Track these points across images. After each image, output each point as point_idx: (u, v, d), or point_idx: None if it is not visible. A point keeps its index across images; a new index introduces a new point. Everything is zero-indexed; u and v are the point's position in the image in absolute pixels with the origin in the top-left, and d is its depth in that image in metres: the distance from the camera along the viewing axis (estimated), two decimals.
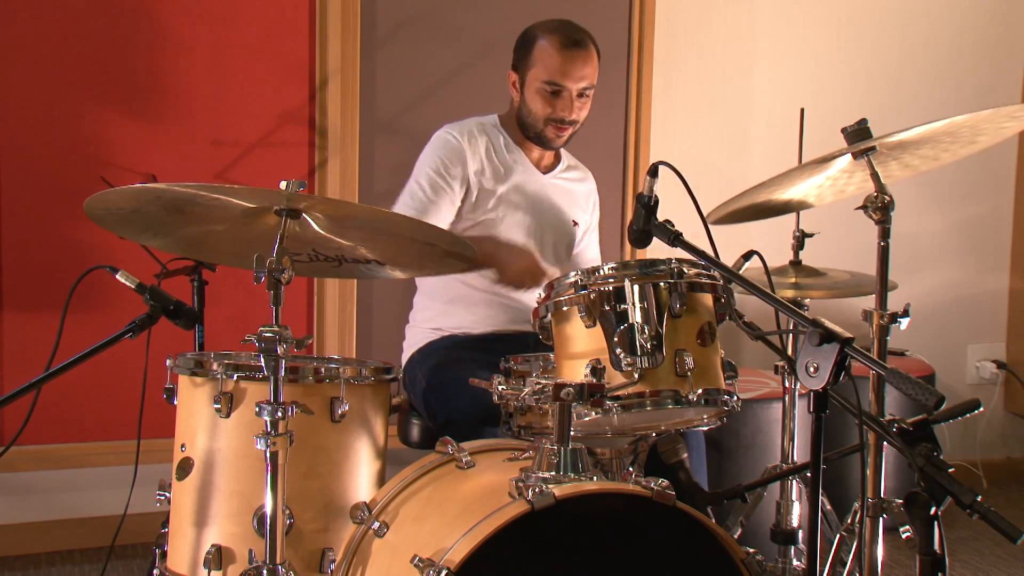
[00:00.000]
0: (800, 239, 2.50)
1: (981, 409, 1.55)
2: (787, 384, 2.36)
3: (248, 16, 3.02)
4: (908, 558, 2.96)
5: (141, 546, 2.93)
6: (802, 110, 2.53)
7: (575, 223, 2.65)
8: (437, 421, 2.35)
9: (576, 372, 1.68)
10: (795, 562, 2.33)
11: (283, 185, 1.60)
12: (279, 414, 1.58)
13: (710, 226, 1.82)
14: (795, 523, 2.33)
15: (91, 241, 2.89)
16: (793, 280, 2.47)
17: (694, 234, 1.76)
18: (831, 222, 2.62)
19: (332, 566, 1.77)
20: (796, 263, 2.52)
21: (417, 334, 2.57)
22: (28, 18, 2.84)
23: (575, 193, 2.67)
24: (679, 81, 3.53)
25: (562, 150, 2.67)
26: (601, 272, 1.70)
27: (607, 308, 1.67)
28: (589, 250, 2.74)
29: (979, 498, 1.35)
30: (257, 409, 1.59)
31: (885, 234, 1.79)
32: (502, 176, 2.51)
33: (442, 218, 2.43)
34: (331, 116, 3.09)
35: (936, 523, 1.37)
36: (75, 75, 2.89)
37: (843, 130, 1.83)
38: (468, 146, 2.47)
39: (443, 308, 2.54)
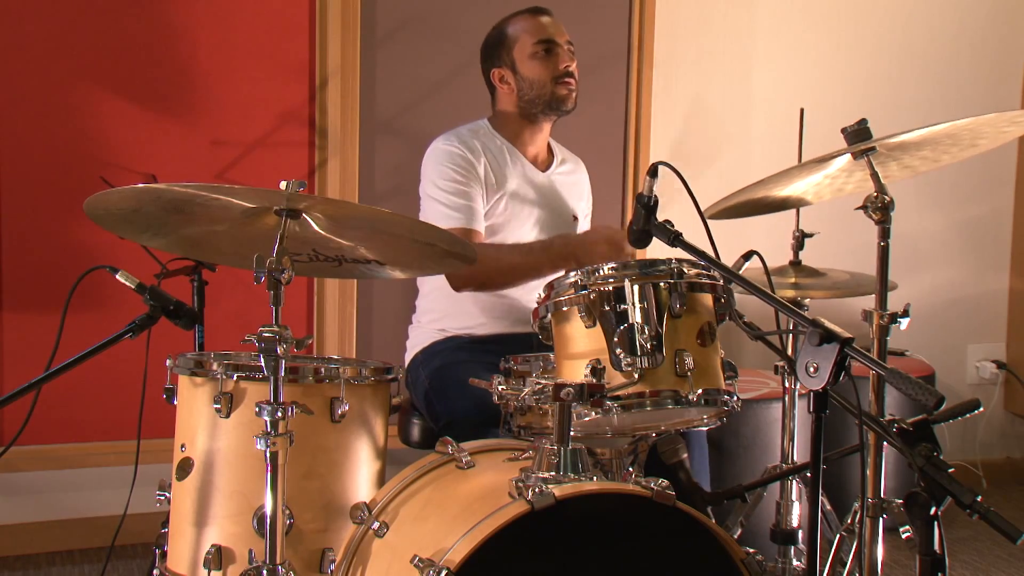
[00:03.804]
0: (800, 239, 2.50)
1: (981, 409, 1.55)
2: (787, 384, 2.36)
3: (248, 16, 3.02)
4: (908, 558, 2.96)
5: (141, 546, 2.93)
6: (802, 110, 2.53)
7: (575, 218, 2.66)
8: (439, 423, 2.35)
9: (576, 372, 1.68)
10: (795, 562, 2.33)
11: (283, 185, 1.60)
12: (279, 414, 1.58)
13: (708, 221, 1.82)
14: (795, 523, 2.32)
15: (91, 241, 2.89)
16: (793, 280, 2.47)
17: (694, 234, 1.76)
18: (831, 222, 2.62)
19: (332, 566, 1.77)
20: (796, 263, 2.52)
21: (421, 334, 2.57)
22: (28, 18, 2.84)
23: (572, 187, 2.68)
24: (679, 81, 3.54)
25: (552, 142, 2.68)
26: (601, 272, 1.70)
27: (607, 308, 1.67)
28: None
29: (979, 498, 1.35)
30: (257, 409, 1.59)
31: (885, 234, 1.79)
32: (505, 178, 2.51)
33: (482, 224, 2.46)
34: (331, 116, 3.09)
35: (936, 523, 1.37)
36: (76, 75, 2.89)
37: (843, 130, 1.83)
38: (470, 152, 2.48)
39: (448, 309, 2.54)
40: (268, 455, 1.58)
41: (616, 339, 1.65)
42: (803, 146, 2.52)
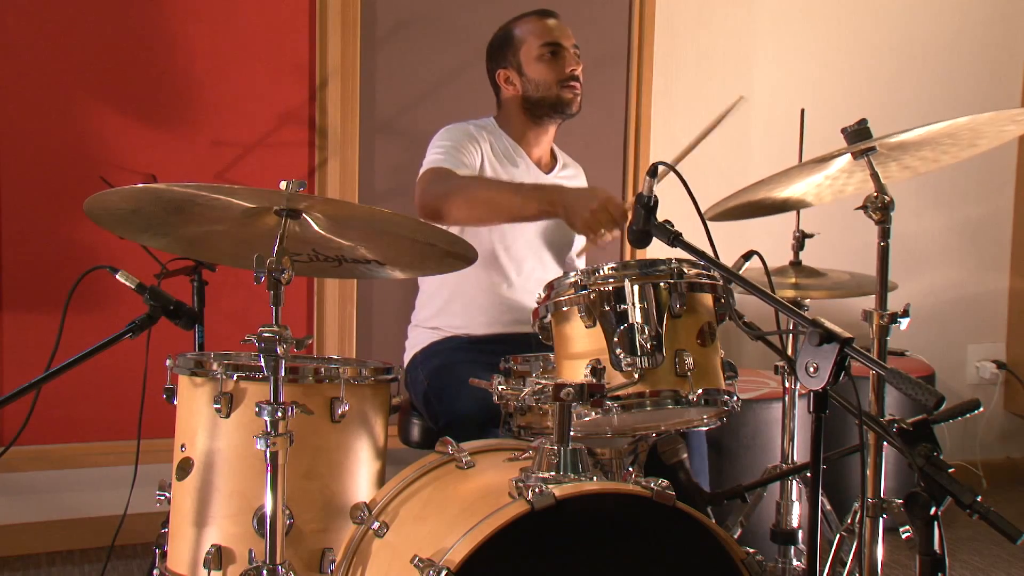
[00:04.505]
0: (800, 239, 2.50)
1: (981, 409, 1.55)
2: (787, 384, 2.36)
3: (248, 16, 3.02)
4: (908, 558, 2.96)
5: (141, 546, 2.94)
6: (802, 111, 2.53)
7: None
8: (439, 423, 2.35)
9: (576, 372, 1.68)
10: (795, 562, 2.33)
11: (283, 185, 1.60)
12: (279, 414, 1.58)
13: (708, 222, 1.82)
14: (795, 523, 2.32)
15: (91, 241, 2.89)
16: (793, 280, 2.47)
17: (694, 234, 1.76)
18: (831, 222, 2.63)
19: (332, 566, 1.77)
20: (796, 263, 2.52)
21: (419, 334, 2.57)
22: (28, 18, 2.84)
23: None
24: (679, 81, 3.54)
25: (555, 146, 2.68)
26: (601, 272, 1.70)
27: (607, 308, 1.67)
28: (577, 242, 2.75)
29: (979, 498, 1.34)
30: (257, 409, 1.58)
31: (885, 234, 1.79)
32: (508, 175, 2.51)
33: (468, 170, 2.43)
34: (331, 116, 3.09)
35: (936, 523, 1.37)
36: (75, 75, 2.89)
37: (843, 130, 1.83)
38: (476, 134, 2.49)
39: (445, 308, 2.54)
40: (268, 455, 1.58)
41: (616, 339, 1.65)
42: (803, 147, 2.52)
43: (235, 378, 1.78)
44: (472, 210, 2.27)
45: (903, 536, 1.76)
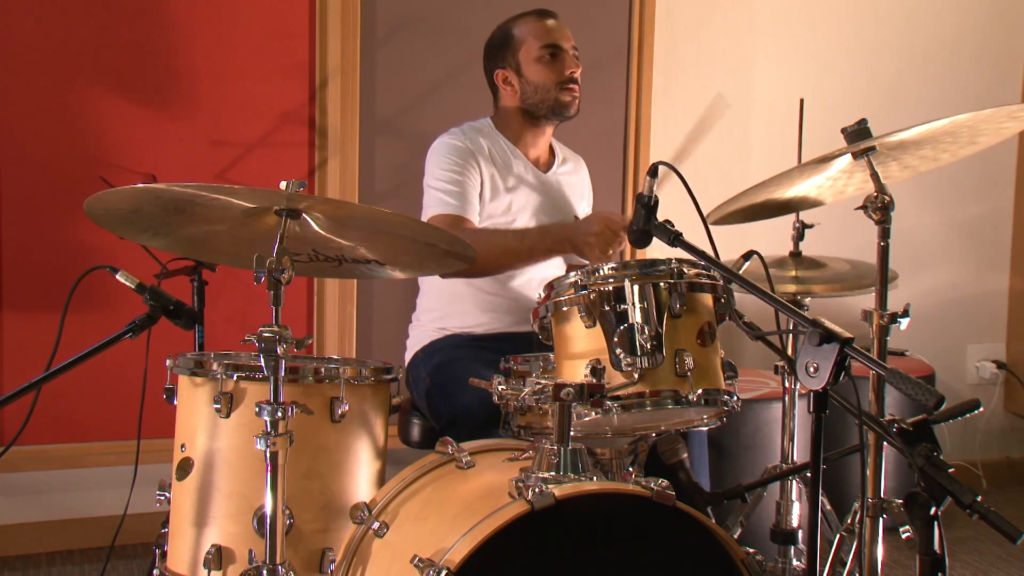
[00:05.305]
0: (800, 230, 2.50)
1: (981, 409, 1.55)
2: (787, 384, 2.36)
3: (248, 16, 3.02)
4: (908, 558, 2.96)
5: (141, 546, 2.94)
6: (801, 101, 2.51)
7: (576, 219, 2.65)
8: (441, 420, 2.35)
9: (576, 372, 1.68)
10: (795, 562, 2.33)
11: (283, 185, 1.60)
12: (279, 414, 1.58)
13: (710, 227, 1.82)
14: (795, 523, 2.32)
15: (91, 241, 2.89)
16: (793, 273, 2.46)
17: (694, 234, 1.76)
18: (831, 216, 2.62)
19: (332, 566, 1.77)
20: (796, 254, 2.52)
21: (421, 333, 2.57)
22: (29, 18, 2.84)
23: (574, 187, 2.68)
24: (679, 81, 3.54)
25: (554, 142, 2.68)
26: (601, 272, 1.70)
27: (607, 308, 1.67)
28: None
29: (979, 498, 1.35)
30: (257, 409, 1.59)
31: (885, 234, 1.79)
32: (507, 178, 2.51)
33: (476, 214, 2.45)
34: (331, 116, 3.09)
35: (936, 523, 1.37)
36: (76, 75, 2.89)
37: (843, 130, 1.83)
38: (473, 147, 2.48)
39: (447, 308, 2.54)
40: (268, 455, 1.58)
41: (616, 339, 1.65)
42: (803, 146, 2.51)
43: (235, 378, 1.78)
44: (485, 263, 2.28)
45: (903, 536, 1.77)
